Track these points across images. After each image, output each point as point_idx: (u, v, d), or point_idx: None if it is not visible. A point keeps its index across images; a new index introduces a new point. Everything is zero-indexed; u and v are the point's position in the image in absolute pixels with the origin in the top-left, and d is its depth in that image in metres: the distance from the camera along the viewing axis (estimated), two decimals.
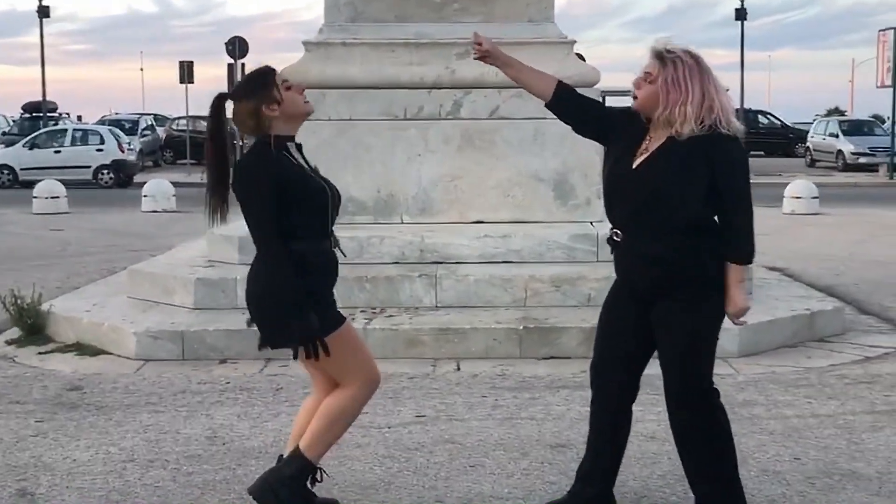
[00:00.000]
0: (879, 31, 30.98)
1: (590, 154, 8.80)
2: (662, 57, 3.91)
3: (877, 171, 31.73)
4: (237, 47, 30.36)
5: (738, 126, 3.92)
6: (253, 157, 3.96)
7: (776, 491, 4.57)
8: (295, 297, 3.87)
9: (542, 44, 8.99)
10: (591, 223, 8.70)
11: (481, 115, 8.86)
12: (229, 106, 4.07)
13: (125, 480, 4.77)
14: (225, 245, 8.61)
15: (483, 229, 8.52)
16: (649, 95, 3.93)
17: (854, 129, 36.19)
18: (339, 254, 4.12)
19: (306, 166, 4.05)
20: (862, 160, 33.18)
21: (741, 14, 36.29)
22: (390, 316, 7.61)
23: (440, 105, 8.87)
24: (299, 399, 6.11)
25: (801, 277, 10.56)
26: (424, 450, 5.17)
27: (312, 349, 3.89)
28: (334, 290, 4.15)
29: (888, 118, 42.17)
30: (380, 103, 8.88)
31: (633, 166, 3.97)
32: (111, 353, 7.45)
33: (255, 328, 4.10)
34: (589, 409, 4.23)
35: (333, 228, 4.11)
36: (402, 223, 8.78)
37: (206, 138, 4.04)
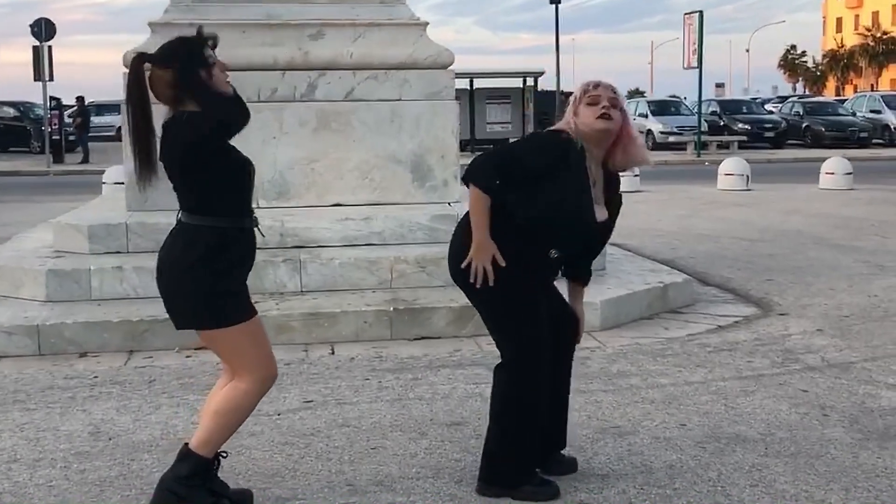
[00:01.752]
0: (685, 14, 32.28)
1: (446, 135, 8.92)
2: (614, 87, 4.17)
3: (685, 149, 33.12)
4: (43, 29, 29.02)
5: None
6: (182, 123, 3.79)
7: (671, 457, 4.74)
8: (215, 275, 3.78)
9: (395, 25, 9.01)
10: (450, 203, 8.78)
11: (337, 97, 8.80)
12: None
13: (14, 481, 4.54)
14: (74, 234, 8.28)
15: (343, 212, 8.47)
16: (618, 119, 4.13)
17: (662, 109, 37.68)
18: (258, 235, 4.04)
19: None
20: (671, 139, 34.58)
21: None
22: (256, 302, 7.39)
23: (294, 87, 8.76)
24: (176, 390, 5.99)
25: (641, 252, 10.94)
26: (321, 434, 5.13)
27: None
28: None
29: (685, 98, 44.13)
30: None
31: (600, 220, 4.20)
32: None
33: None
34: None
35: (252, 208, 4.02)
36: (259, 207, 8.55)
37: (126, 104, 3.83)
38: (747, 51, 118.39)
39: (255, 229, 4.03)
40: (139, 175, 3.88)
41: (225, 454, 4.16)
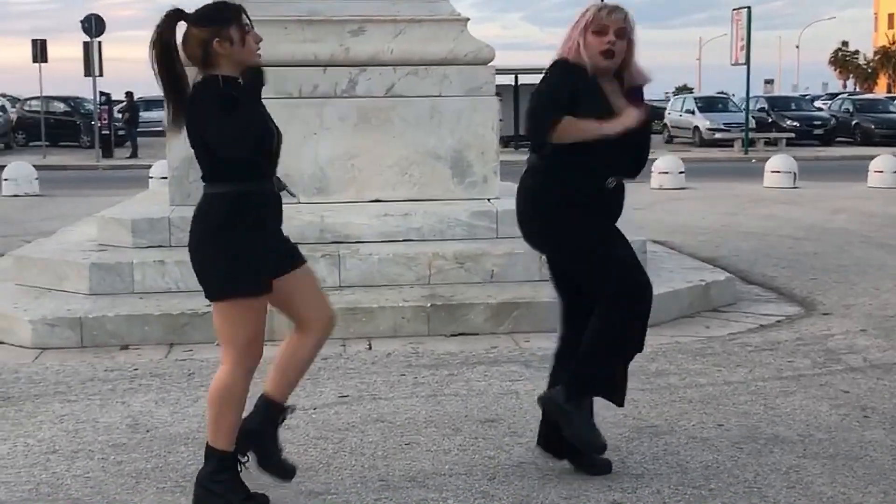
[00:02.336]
0: (733, 9, 31.98)
1: (486, 131, 8.90)
2: (626, 14, 4.24)
3: (732, 146, 32.82)
4: (93, 25, 29.33)
5: None
6: (208, 87, 3.83)
7: (708, 457, 4.70)
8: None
9: (436, 21, 9.01)
10: (489, 200, 8.76)
11: (377, 93, 8.81)
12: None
13: (52, 472, 4.60)
14: (117, 228, 8.37)
15: (382, 208, 8.49)
16: (622, 50, 4.24)
17: (709, 105, 37.37)
18: (287, 196, 4.05)
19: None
20: (718, 136, 34.29)
21: None
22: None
23: (335, 83, 8.78)
24: None
25: (682, 250, 10.86)
26: (356, 430, 5.14)
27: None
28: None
29: (733, 95, 43.71)
30: (272, 81, 8.55)
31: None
32: (4, 343, 7.17)
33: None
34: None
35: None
36: (300, 202, 8.64)
37: (153, 62, 3.84)
38: (797, 47, 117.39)
39: (283, 192, 4.03)
40: (170, 123, 3.96)
41: (247, 459, 4.17)
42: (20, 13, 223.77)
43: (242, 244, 3.89)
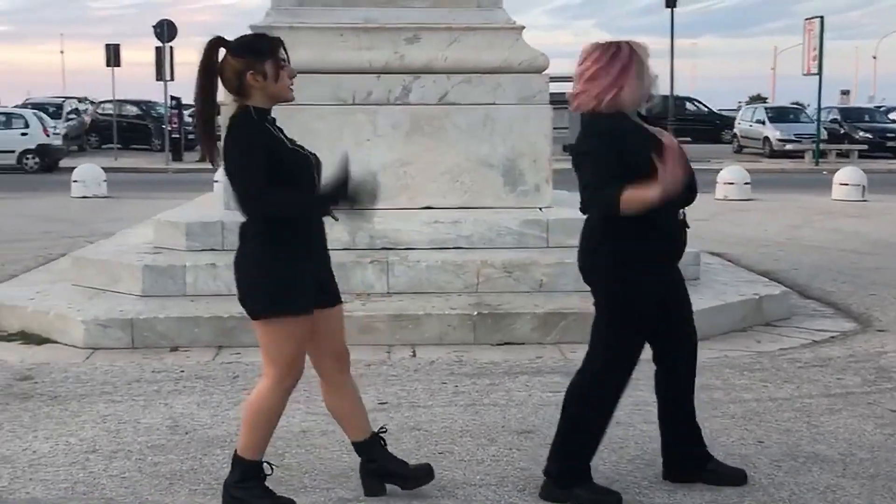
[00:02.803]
0: (806, 19, 31.47)
1: (539, 140, 8.87)
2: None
3: (802, 157, 32.29)
4: (165, 30, 29.84)
5: None
6: (240, 121, 3.90)
7: None
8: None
9: (491, 29, 9.00)
10: (541, 209, 8.73)
11: (430, 101, 8.83)
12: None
13: (89, 472, 4.67)
14: (171, 231, 8.49)
15: (433, 215, 8.49)
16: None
17: (780, 115, 36.78)
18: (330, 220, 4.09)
19: (285, 140, 3.99)
20: (788, 147, 33.73)
21: (671, 2, 36.60)
22: (343, 302, 7.53)
23: (389, 90, 8.82)
24: None
25: (740, 262, 10.72)
26: (391, 437, 5.07)
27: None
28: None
29: (808, 105, 43.04)
30: (328, 87, 8.79)
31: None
32: (58, 342, 7.30)
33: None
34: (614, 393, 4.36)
35: None
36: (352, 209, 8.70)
37: (196, 84, 3.93)
38: (874, 57, 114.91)
39: (329, 217, 4.07)
40: (204, 153, 4.07)
41: (271, 470, 4.21)
42: (100, 18, 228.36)
43: (287, 265, 3.95)
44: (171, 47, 30.00)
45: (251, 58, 3.91)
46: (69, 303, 7.75)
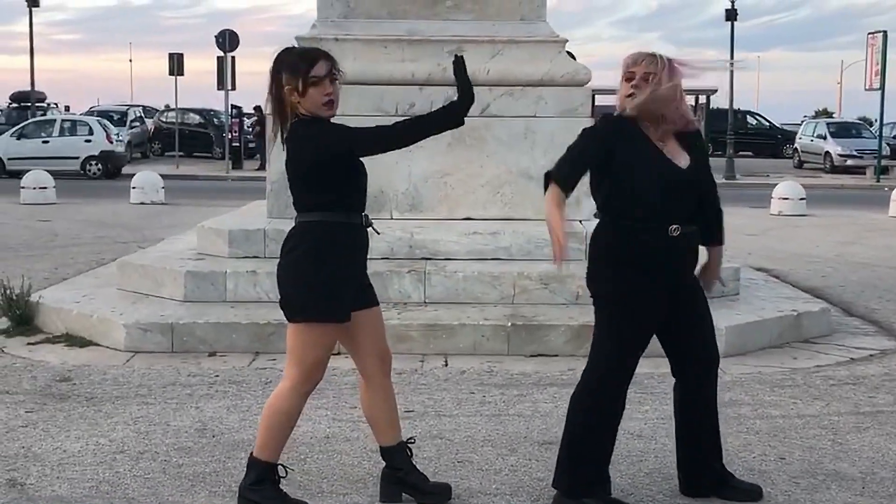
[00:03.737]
0: (868, 33, 31.12)
1: None
2: (654, 57, 4.15)
3: (864, 173, 31.87)
4: (227, 40, 30.27)
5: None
6: (303, 126, 4.06)
7: None
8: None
9: (533, 42, 9.04)
10: (580, 221, 8.73)
11: (472, 113, 8.70)
12: None
13: (115, 472, 4.79)
14: (214, 238, 8.64)
15: (472, 226, 8.55)
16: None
17: (842, 131, 36.35)
18: (372, 232, 4.25)
19: None
20: (849, 162, 33.34)
21: (731, 14, 36.30)
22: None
23: (431, 102, 8.84)
24: None
25: (787, 278, 10.64)
26: (413, 445, 5.18)
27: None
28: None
29: (875, 120, 42.44)
30: (371, 99, 8.89)
31: (683, 167, 4.20)
32: (100, 345, 7.46)
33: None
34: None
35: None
36: (392, 219, 8.80)
37: (268, 92, 4.11)
38: None
39: (370, 228, 4.23)
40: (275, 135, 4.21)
41: (285, 472, 4.30)
42: (168, 27, 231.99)
43: (329, 272, 4.07)
44: (232, 57, 30.43)
45: (288, 73, 4.06)
46: (112, 307, 7.93)
